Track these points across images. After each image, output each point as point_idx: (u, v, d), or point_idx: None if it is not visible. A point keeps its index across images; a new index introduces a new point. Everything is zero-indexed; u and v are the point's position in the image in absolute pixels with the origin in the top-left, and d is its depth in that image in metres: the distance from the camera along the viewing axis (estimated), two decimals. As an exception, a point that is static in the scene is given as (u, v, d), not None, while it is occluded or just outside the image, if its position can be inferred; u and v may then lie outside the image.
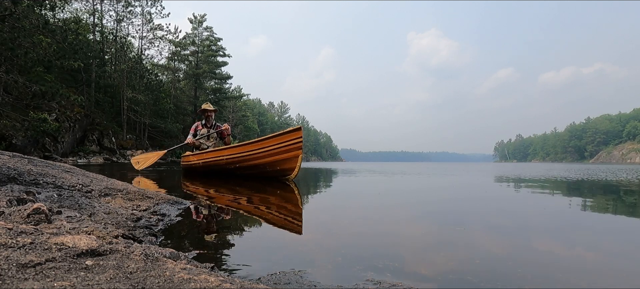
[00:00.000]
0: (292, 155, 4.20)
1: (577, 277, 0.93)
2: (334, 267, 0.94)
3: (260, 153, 4.44)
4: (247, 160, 4.59)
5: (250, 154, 4.54)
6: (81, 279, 0.58)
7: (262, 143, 4.43)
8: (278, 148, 4.26)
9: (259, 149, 4.44)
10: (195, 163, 5.36)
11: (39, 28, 12.45)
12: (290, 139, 4.17)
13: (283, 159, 4.26)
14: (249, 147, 4.57)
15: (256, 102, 72.61)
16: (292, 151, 4.18)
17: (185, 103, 31.10)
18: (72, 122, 16.57)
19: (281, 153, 4.25)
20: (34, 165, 1.86)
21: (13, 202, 1.05)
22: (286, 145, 4.18)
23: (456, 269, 0.95)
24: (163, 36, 28.11)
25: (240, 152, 4.65)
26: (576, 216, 2.00)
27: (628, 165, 30.20)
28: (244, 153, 4.61)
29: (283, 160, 4.27)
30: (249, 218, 1.69)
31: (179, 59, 31.44)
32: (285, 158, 4.23)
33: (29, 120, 12.29)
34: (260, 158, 4.43)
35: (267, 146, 4.35)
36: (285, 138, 4.22)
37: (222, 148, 4.94)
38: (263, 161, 4.42)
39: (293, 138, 4.16)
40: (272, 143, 4.30)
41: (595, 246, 1.30)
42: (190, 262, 0.81)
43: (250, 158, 4.54)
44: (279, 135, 4.29)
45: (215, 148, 5.16)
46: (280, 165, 4.31)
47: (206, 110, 5.66)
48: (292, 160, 4.22)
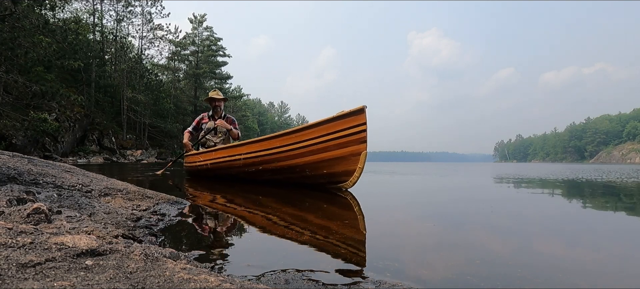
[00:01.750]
0: (350, 152, 2.83)
1: (577, 277, 0.93)
2: (334, 267, 0.94)
3: (296, 150, 3.09)
4: (277, 160, 3.25)
5: (281, 151, 3.20)
6: (81, 279, 0.58)
7: (301, 134, 3.06)
8: (327, 140, 2.91)
9: (295, 143, 3.09)
10: (201, 165, 4.22)
11: (39, 28, 12.46)
12: (347, 127, 2.80)
13: (334, 158, 2.91)
14: (279, 141, 3.22)
15: (256, 102, 72.63)
16: (350, 145, 2.82)
17: (185, 103, 31.11)
18: (72, 122, 16.57)
19: (332, 149, 2.90)
20: (34, 165, 1.86)
21: (13, 202, 1.05)
22: (340, 136, 2.85)
23: (456, 270, 0.95)
24: (163, 36, 28.13)
25: (266, 149, 3.31)
26: (577, 215, 2.00)
27: (628, 165, 30.21)
28: (272, 151, 3.26)
29: (334, 160, 2.92)
30: (250, 217, 1.69)
31: (179, 59, 31.45)
32: (338, 156, 2.89)
33: (29, 120, 12.29)
34: (296, 156, 3.11)
35: (309, 138, 3.00)
36: (338, 125, 2.84)
37: (239, 144, 3.66)
38: (301, 161, 3.10)
39: (352, 126, 2.78)
40: (317, 134, 2.95)
41: (596, 247, 1.30)
42: (190, 262, 0.81)
43: (282, 156, 3.20)
44: (329, 122, 2.88)
45: (228, 144, 3.92)
46: (329, 167, 2.98)
47: (214, 99, 4.62)
48: (349, 159, 2.86)
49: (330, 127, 2.89)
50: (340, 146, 2.86)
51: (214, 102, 4.62)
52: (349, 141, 2.82)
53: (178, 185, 3.54)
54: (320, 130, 2.94)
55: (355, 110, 2.76)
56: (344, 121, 2.81)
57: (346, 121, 2.81)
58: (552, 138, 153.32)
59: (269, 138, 3.33)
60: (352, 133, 2.80)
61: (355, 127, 2.78)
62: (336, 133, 2.86)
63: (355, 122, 2.78)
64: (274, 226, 1.50)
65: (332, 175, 3.00)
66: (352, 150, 2.81)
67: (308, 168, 3.10)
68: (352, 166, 2.84)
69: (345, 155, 2.85)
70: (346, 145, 2.83)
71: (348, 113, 2.79)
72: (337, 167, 2.93)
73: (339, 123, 2.84)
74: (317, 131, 2.96)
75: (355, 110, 2.76)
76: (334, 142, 2.88)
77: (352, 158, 2.83)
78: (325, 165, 2.99)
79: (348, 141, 2.82)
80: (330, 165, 2.96)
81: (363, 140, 2.77)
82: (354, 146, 2.80)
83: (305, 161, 3.07)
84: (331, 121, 2.88)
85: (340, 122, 2.83)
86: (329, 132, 2.90)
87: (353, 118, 2.78)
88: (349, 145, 2.82)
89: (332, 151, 2.90)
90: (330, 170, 2.98)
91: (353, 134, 2.79)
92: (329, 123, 2.90)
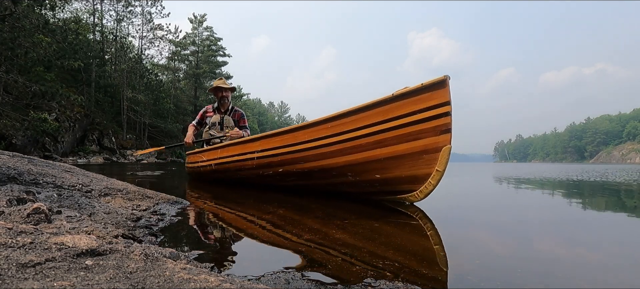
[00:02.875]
0: (422, 147, 1.93)
1: (577, 277, 0.93)
2: (335, 266, 0.94)
3: (334, 145, 2.22)
4: (304, 159, 2.39)
5: (310, 147, 2.33)
6: (81, 279, 0.58)
7: (341, 122, 2.17)
8: (383, 130, 2.02)
9: (331, 136, 2.22)
10: (205, 166, 3.49)
11: (39, 28, 12.47)
12: (418, 109, 1.91)
13: (395, 156, 2.01)
14: (307, 133, 2.34)
15: (256, 101, 72.79)
16: (422, 136, 1.92)
17: (185, 103, 31.13)
18: (72, 122, 16.57)
19: (390, 143, 2.01)
20: (33, 165, 1.86)
21: (13, 202, 1.05)
22: (406, 124, 1.95)
23: (457, 270, 0.95)
24: (163, 36, 28.15)
25: (290, 144, 2.45)
26: (577, 216, 2.00)
27: (628, 165, 30.17)
28: (298, 147, 2.39)
29: (394, 159, 2.02)
30: (250, 218, 1.69)
31: (179, 59, 31.49)
32: (402, 153, 1.99)
33: (29, 120, 12.29)
34: (333, 154, 2.24)
35: (354, 128, 2.12)
36: (402, 107, 1.95)
37: (252, 139, 2.80)
38: (341, 161, 2.21)
39: (427, 107, 1.89)
40: (367, 121, 2.06)
41: (596, 247, 1.29)
42: (190, 262, 0.81)
43: (311, 155, 2.34)
44: (387, 102, 1.99)
45: (238, 140, 3.03)
46: (384, 170, 2.08)
47: (219, 89, 3.91)
48: (419, 158, 1.95)
49: (389, 109, 1.98)
50: (406, 139, 1.96)
51: (219, 91, 3.93)
52: (421, 130, 1.90)
53: (178, 185, 3.54)
54: (371, 116, 2.04)
55: (432, 83, 1.85)
56: (413, 100, 1.90)
57: (416, 100, 1.89)
58: (552, 138, 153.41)
59: (294, 129, 2.45)
60: (425, 118, 1.89)
61: (431, 109, 1.86)
62: (399, 120, 1.95)
63: (433, 101, 1.85)
64: (277, 229, 1.49)
65: (389, 181, 2.09)
66: (425, 144, 1.90)
67: (351, 171, 2.21)
68: (425, 169, 1.93)
69: (413, 152, 1.95)
70: (415, 137, 1.93)
71: (419, 89, 1.87)
72: (398, 170, 2.03)
73: (405, 103, 1.92)
74: (367, 117, 2.06)
75: (433, 83, 1.84)
76: (396, 132, 1.97)
77: (424, 157, 1.92)
78: (379, 166, 2.08)
79: (419, 131, 1.90)
80: (386, 166, 2.06)
81: (445, 128, 1.85)
82: (428, 139, 1.89)
83: (347, 162, 2.19)
84: (391, 101, 1.97)
85: (406, 102, 1.92)
86: (386, 117, 1.99)
87: (428, 95, 1.86)
88: (421, 137, 1.91)
89: (391, 147, 2.01)
90: (387, 174, 2.07)
91: (427, 120, 1.88)
92: (388, 104, 1.98)
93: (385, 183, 2.15)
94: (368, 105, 2.07)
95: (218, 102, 4.00)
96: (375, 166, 2.12)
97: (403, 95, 1.94)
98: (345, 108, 2.17)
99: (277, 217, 1.68)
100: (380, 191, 2.23)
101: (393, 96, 1.97)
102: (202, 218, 1.66)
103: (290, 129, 2.49)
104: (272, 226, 1.48)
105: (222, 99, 3.97)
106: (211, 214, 1.79)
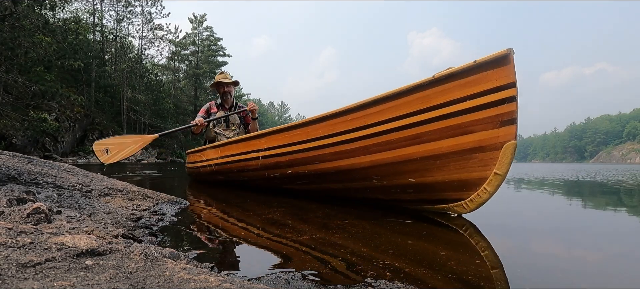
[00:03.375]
0: (476, 143, 1.52)
1: (577, 277, 0.93)
2: (334, 266, 0.94)
3: (356, 142, 1.84)
4: (318, 159, 2.04)
5: (325, 144, 1.96)
6: (81, 279, 0.58)
7: (365, 113, 1.77)
8: (421, 122, 1.62)
9: (352, 131, 1.84)
10: (203, 166, 3.22)
11: (39, 28, 12.48)
12: (472, 94, 1.49)
13: (437, 155, 1.62)
14: (323, 127, 1.96)
15: (256, 101, 72.89)
16: (475, 128, 1.51)
17: (185, 103, 31.15)
18: (72, 122, 16.58)
19: (431, 138, 1.61)
20: (33, 165, 1.86)
21: (13, 202, 1.05)
22: (453, 113, 1.53)
23: (457, 270, 0.95)
24: (163, 36, 28.17)
25: (301, 141, 2.10)
26: (577, 215, 2.00)
27: (629, 165, 30.18)
28: (311, 144, 2.04)
29: (435, 159, 1.63)
30: (250, 218, 1.69)
31: (179, 59, 31.52)
32: (447, 151, 1.59)
33: (29, 120, 12.29)
34: (354, 152, 1.86)
35: (382, 120, 1.72)
36: (448, 91, 1.53)
37: (256, 135, 2.46)
38: (365, 161, 1.83)
39: (483, 91, 1.47)
40: (401, 111, 1.65)
41: (596, 247, 1.29)
42: (190, 262, 0.81)
43: (327, 153, 1.97)
44: (428, 85, 1.57)
45: (241, 137, 2.70)
46: (422, 172, 1.69)
47: (222, 84, 3.64)
48: (471, 158, 1.54)
49: (429, 96, 1.55)
50: (452, 133, 1.53)
51: (222, 87, 3.65)
52: (474, 122, 1.48)
53: (178, 185, 3.54)
54: (405, 104, 1.62)
55: (490, 59, 1.44)
56: (462, 83, 1.48)
57: (467, 82, 1.48)
58: (552, 138, 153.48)
59: (305, 123, 2.07)
60: (480, 105, 1.46)
61: (489, 94, 1.45)
62: (442, 109, 1.53)
63: (491, 83, 1.44)
64: (277, 229, 1.49)
65: (426, 187, 1.70)
66: (479, 139, 1.48)
67: (377, 173, 1.81)
68: (478, 172, 1.52)
69: (461, 150, 1.53)
70: (465, 130, 1.51)
71: (471, 67, 1.46)
72: (439, 173, 1.62)
73: (451, 88, 1.51)
74: (399, 106, 1.64)
75: (491, 59, 1.44)
76: (438, 124, 1.55)
77: (477, 157, 1.51)
78: (414, 168, 1.67)
79: (470, 122, 1.49)
80: (424, 168, 1.65)
81: (508, 118, 1.43)
82: (484, 133, 1.47)
83: (372, 162, 1.78)
84: (431, 85, 1.54)
85: (453, 86, 1.50)
86: (425, 106, 1.57)
87: (483, 75, 1.45)
88: (473, 130, 1.49)
89: (432, 143, 1.59)
90: (425, 177, 1.67)
91: (482, 108, 1.46)
92: (427, 89, 1.56)
93: (422, 189, 1.73)
94: (401, 92, 1.63)
95: (221, 98, 3.72)
96: (409, 168, 1.71)
97: (448, 77, 1.52)
98: (371, 97, 1.75)
99: (277, 217, 1.68)
100: (415, 199, 1.81)
101: (434, 78, 1.55)
102: (202, 218, 1.66)
103: (302, 123, 2.11)
104: (272, 226, 1.48)
105: (224, 95, 3.68)
106: (211, 214, 1.79)
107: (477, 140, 1.51)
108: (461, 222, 1.59)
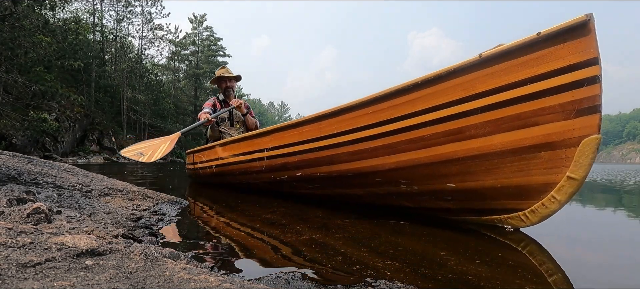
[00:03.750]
0: (543, 137, 1.18)
1: (576, 277, 0.93)
2: (335, 266, 0.94)
3: (381, 138, 1.52)
4: (333, 160, 1.76)
5: (342, 142, 1.68)
6: (81, 279, 0.58)
7: (393, 102, 1.45)
8: (465, 113, 1.27)
9: (378, 125, 1.52)
10: (204, 167, 3.03)
11: (39, 28, 12.49)
12: (537, 75, 1.15)
13: (485, 153, 1.28)
14: (338, 122, 1.68)
15: (256, 101, 73.07)
16: (544, 120, 1.17)
17: (185, 103, 31.18)
18: (72, 122, 16.58)
19: (482, 133, 1.26)
20: (33, 165, 1.86)
21: (13, 202, 1.05)
22: (511, 100, 1.19)
23: (457, 269, 0.95)
24: (163, 36, 28.21)
25: (312, 139, 1.82)
26: (578, 215, 2.00)
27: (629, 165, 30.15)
28: (325, 142, 1.76)
29: (484, 158, 1.29)
30: (250, 217, 1.69)
31: (179, 59, 31.56)
32: (501, 148, 1.25)
33: (29, 120, 12.30)
34: (378, 151, 1.55)
35: (413, 111, 1.39)
36: (503, 73, 1.19)
37: (260, 133, 2.20)
38: (392, 162, 1.52)
39: (553, 70, 1.13)
40: (438, 100, 1.33)
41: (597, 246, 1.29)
42: (190, 262, 0.81)
43: (344, 153, 1.69)
44: (473, 67, 1.25)
45: (243, 135, 2.44)
46: (465, 175, 1.36)
47: (223, 78, 3.47)
48: (534, 154, 1.21)
49: (476, 80, 1.26)
50: (508, 126, 1.23)
51: (223, 82, 3.47)
52: (539, 110, 1.18)
53: (178, 185, 3.54)
54: (443, 92, 1.32)
55: (562, 29, 1.12)
56: (524, 61, 1.18)
57: (530, 60, 1.17)
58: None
59: (318, 118, 1.76)
60: (548, 90, 1.16)
61: (561, 73, 1.14)
62: (495, 95, 1.23)
63: (564, 60, 1.13)
64: (277, 229, 1.49)
65: (471, 193, 1.40)
66: (547, 132, 1.19)
67: (407, 176, 1.52)
68: (543, 176, 1.23)
69: (520, 147, 1.23)
70: (526, 122, 1.21)
71: (533, 41, 1.16)
72: (489, 176, 1.32)
73: (506, 69, 1.21)
74: (436, 94, 1.34)
75: (565, 28, 1.12)
76: (488, 115, 1.25)
77: (542, 156, 1.21)
78: (455, 170, 1.38)
79: (535, 111, 1.19)
80: (468, 170, 1.35)
81: (588, 105, 1.13)
82: (553, 124, 1.18)
83: (400, 163, 1.49)
84: (478, 66, 1.25)
85: (507, 66, 1.21)
86: (470, 93, 1.27)
87: (555, 50, 1.14)
88: (538, 122, 1.19)
89: (479, 139, 1.28)
90: (469, 182, 1.37)
91: (551, 92, 1.16)
92: (473, 71, 1.26)
93: (465, 197, 1.42)
94: (437, 76, 1.31)
95: (223, 94, 3.51)
96: (448, 170, 1.38)
97: (502, 55, 1.20)
98: (399, 84, 1.43)
99: (277, 216, 1.67)
100: (456, 208, 1.50)
101: (481, 58, 1.22)
102: (202, 218, 1.66)
103: (313, 118, 1.79)
104: (272, 226, 1.48)
105: (227, 90, 3.47)
106: (211, 214, 1.79)
107: (543, 135, 1.19)
108: (517, 238, 1.28)
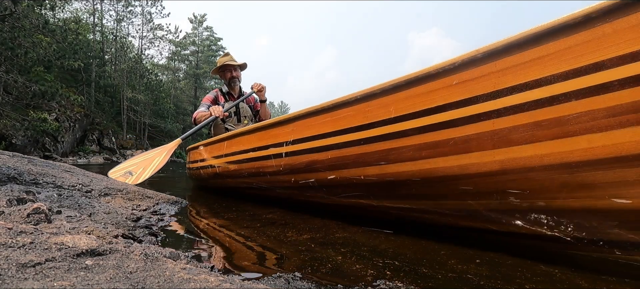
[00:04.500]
0: None
1: (577, 277, 0.93)
2: (335, 266, 0.94)
3: (467, 125, 0.92)
4: (387, 157, 1.13)
5: (399, 133, 1.07)
6: (81, 279, 0.58)
7: (481, 68, 0.90)
8: (566, 96, 0.73)
9: (458, 106, 0.94)
10: (205, 167, 2.48)
11: (39, 28, 12.48)
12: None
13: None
14: (395, 100, 1.09)
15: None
16: None
17: (185, 103, 31.17)
18: (72, 122, 16.58)
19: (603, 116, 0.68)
20: (33, 165, 1.86)
21: (13, 202, 1.05)
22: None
23: (457, 269, 0.95)
24: (163, 36, 28.20)
25: (353, 128, 1.23)
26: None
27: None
28: (365, 134, 1.18)
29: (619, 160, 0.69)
30: (250, 217, 1.69)
31: (179, 59, 31.55)
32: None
33: (29, 120, 12.30)
34: (461, 147, 0.95)
35: (519, 85, 0.82)
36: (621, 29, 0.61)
37: (280, 121, 1.61)
38: (485, 163, 0.91)
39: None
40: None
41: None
42: (190, 262, 0.81)
43: (405, 147, 1.07)
44: (613, 11, 0.67)
45: (254, 125, 1.85)
46: (577, 189, 0.79)
47: (228, 67, 2.98)
48: None
49: (616, 32, 0.71)
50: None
51: (228, 71, 2.98)
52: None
53: (178, 185, 3.54)
54: (570, 49, 0.77)
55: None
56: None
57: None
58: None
59: (363, 97, 1.23)
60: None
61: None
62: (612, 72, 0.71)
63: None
64: (277, 229, 1.49)
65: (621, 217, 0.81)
66: None
67: (520, 185, 0.92)
68: None
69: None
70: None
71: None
72: None
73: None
74: (557, 54, 0.79)
75: None
76: (614, 93, 0.71)
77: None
78: (594, 178, 0.80)
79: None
80: (588, 177, 0.80)
81: None
82: None
83: (507, 164, 0.91)
84: (626, 7, 0.69)
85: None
86: (573, 67, 0.77)
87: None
88: None
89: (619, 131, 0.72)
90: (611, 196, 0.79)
91: None
92: (618, 16, 0.71)
93: (603, 220, 0.85)
94: (556, 26, 0.82)
95: (227, 85, 3.03)
96: (580, 177, 0.83)
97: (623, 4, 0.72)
98: (495, 42, 0.92)
99: (278, 216, 1.67)
100: (591, 240, 0.90)
101: (595, 10, 0.75)
102: (202, 218, 1.66)
103: (354, 98, 1.25)
104: (273, 226, 1.48)
105: (232, 81, 2.98)
106: (211, 214, 1.79)
107: None
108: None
